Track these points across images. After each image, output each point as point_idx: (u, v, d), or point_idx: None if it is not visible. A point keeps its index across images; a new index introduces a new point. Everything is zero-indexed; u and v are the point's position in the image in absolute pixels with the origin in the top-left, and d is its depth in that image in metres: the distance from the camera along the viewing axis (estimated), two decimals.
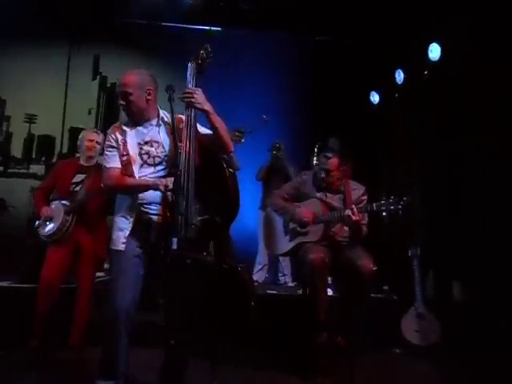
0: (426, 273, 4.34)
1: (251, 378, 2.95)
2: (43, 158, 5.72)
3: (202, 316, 2.05)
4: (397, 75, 4.93)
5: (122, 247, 2.23)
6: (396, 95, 5.07)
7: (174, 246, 1.76)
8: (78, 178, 3.43)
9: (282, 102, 5.76)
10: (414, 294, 3.81)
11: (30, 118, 5.66)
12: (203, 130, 2.31)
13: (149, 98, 2.27)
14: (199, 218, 2.13)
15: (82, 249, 3.33)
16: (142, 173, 2.24)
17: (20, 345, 3.19)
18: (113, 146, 2.29)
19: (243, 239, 4.72)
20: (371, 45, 5.09)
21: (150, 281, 2.28)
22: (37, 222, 3.41)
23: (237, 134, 4.44)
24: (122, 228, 2.25)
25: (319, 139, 4.98)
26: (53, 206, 3.39)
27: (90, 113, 5.80)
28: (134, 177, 2.24)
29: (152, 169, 2.25)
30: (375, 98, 5.37)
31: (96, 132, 3.59)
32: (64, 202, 3.36)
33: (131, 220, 2.23)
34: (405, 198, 2.86)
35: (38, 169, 5.65)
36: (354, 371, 2.92)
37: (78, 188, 3.40)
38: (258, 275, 4.76)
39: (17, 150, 5.70)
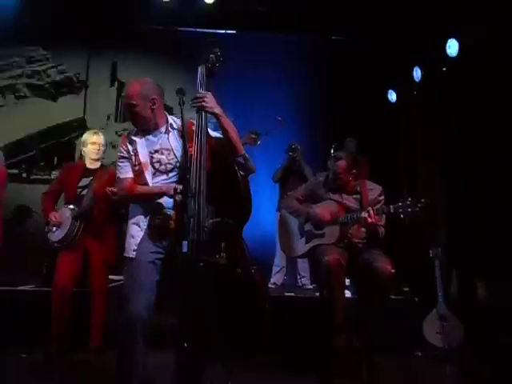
0: (450, 273, 4.25)
1: (267, 381, 2.93)
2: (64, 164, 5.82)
3: (216, 319, 2.03)
4: (414, 73, 4.84)
5: (132, 254, 2.24)
6: (414, 93, 4.97)
7: (185, 249, 1.75)
8: (85, 181, 3.44)
9: (299, 103, 5.73)
10: (435, 295, 3.73)
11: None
12: (214, 133, 2.32)
13: (154, 107, 2.26)
14: (211, 221, 2.12)
15: (91, 254, 3.36)
16: (155, 181, 2.26)
17: (41, 347, 3.25)
18: (124, 157, 2.32)
19: (261, 242, 4.72)
20: (388, 43, 5.01)
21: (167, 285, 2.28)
22: (46, 228, 3.43)
23: (252, 136, 4.42)
24: (134, 235, 2.26)
25: (337, 139, 4.93)
26: (60, 212, 3.40)
27: (108, 118, 5.89)
28: (148, 185, 2.25)
29: (165, 176, 2.27)
30: (393, 96, 5.28)
31: (97, 133, 3.55)
32: (71, 206, 3.36)
33: (143, 227, 2.25)
34: (423, 200, 2.80)
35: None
36: (373, 374, 2.89)
37: (84, 192, 3.40)
38: (276, 278, 4.73)
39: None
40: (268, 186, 4.98)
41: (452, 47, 4.26)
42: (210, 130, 2.28)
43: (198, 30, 5.65)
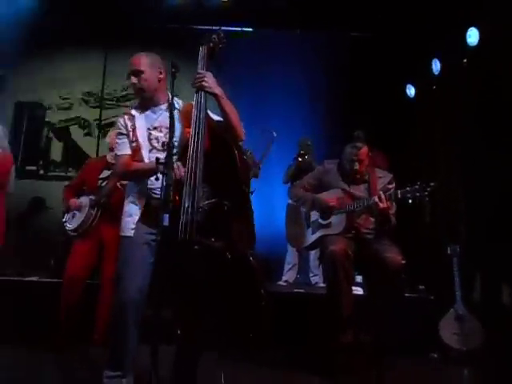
0: (471, 273, 4.03)
1: (272, 378, 2.80)
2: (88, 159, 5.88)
3: (210, 304, 1.93)
4: (433, 65, 4.66)
5: (130, 233, 2.19)
6: (434, 87, 4.79)
7: (166, 223, 1.67)
8: (106, 173, 3.49)
9: (316, 100, 5.65)
10: (453, 294, 3.52)
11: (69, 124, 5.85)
12: (216, 117, 2.25)
13: (160, 76, 2.24)
14: (206, 202, 2.04)
15: (106, 244, 3.35)
16: (151, 158, 2.19)
17: (48, 338, 3.23)
18: (122, 133, 2.28)
19: (272, 239, 4.63)
20: (405, 36, 4.86)
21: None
22: (65, 216, 3.48)
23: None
24: (132, 214, 2.22)
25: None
26: (80, 200, 3.46)
27: None
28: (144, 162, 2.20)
29: (161, 154, 2.16)
30: (411, 91, 5.11)
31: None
32: (91, 196, 3.42)
33: (140, 206, 2.20)
34: (432, 184, 2.65)
35: (76, 172, 5.80)
36: (383, 373, 2.72)
37: (104, 183, 3.45)
38: (288, 275, 4.61)
39: (56, 154, 5.89)
40: (280, 184, 4.87)
41: (472, 36, 4.08)
42: (210, 113, 2.23)
43: (214, 27, 5.64)
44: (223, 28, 2.35)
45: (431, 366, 3.25)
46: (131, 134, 2.24)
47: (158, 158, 1.84)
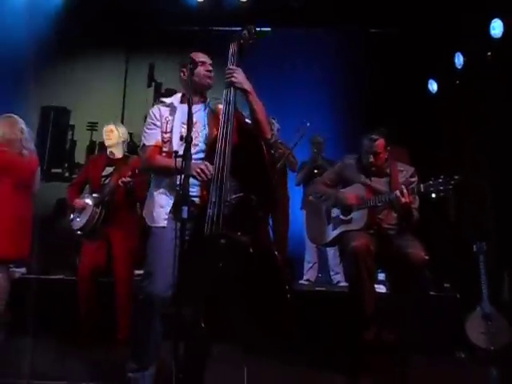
0: (499, 271, 3.91)
1: (294, 376, 2.78)
2: (90, 157, 5.93)
3: (234, 299, 1.92)
4: (456, 59, 4.55)
5: (164, 223, 2.16)
6: (457, 82, 4.68)
7: (185, 215, 1.67)
8: (108, 171, 3.52)
9: (336, 99, 5.58)
10: (479, 292, 3.43)
11: (92, 126, 5.94)
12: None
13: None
14: (234, 196, 2.05)
15: (113, 244, 3.37)
16: (181, 153, 2.19)
17: (71, 334, 3.31)
18: (154, 123, 2.28)
19: (291, 239, 4.59)
20: (426, 29, 4.77)
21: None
22: (71, 216, 3.51)
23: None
24: (163, 205, 2.20)
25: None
26: (84, 199, 3.48)
27: (145, 119, 5.96)
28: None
29: (192, 150, 2.16)
30: (434, 86, 5.01)
31: (109, 124, 3.64)
32: (95, 195, 3.43)
33: (172, 197, 2.19)
34: (456, 177, 2.58)
35: None
36: (407, 372, 2.66)
37: (107, 181, 3.46)
38: (309, 274, 4.56)
39: (80, 156, 5.99)
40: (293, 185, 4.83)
41: (496, 28, 3.97)
42: (242, 112, 2.26)
43: (233, 28, 5.66)
44: (241, 29, 2.37)
45: (458, 366, 3.16)
46: (165, 124, 2.26)
47: (176, 152, 1.84)
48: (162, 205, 2.20)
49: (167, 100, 2.34)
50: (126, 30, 5.68)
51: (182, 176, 1.73)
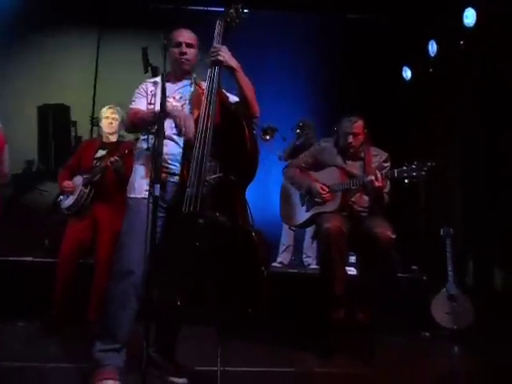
0: (463, 256, 4.05)
1: (266, 356, 2.82)
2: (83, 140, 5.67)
3: (209, 278, 1.92)
4: (430, 47, 4.62)
5: (145, 194, 2.12)
6: (430, 70, 4.75)
7: (157, 193, 1.66)
8: (100, 154, 3.48)
9: (312, 83, 5.60)
10: (445, 275, 3.55)
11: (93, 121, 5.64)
12: (232, 97, 2.26)
13: (198, 58, 2.33)
14: (213, 176, 2.04)
15: (100, 223, 3.34)
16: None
17: (41, 317, 3.24)
18: (140, 94, 2.32)
19: (269, 221, 4.61)
20: (400, 17, 4.82)
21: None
22: (60, 197, 3.48)
23: (267, 137, 4.33)
24: (144, 176, 2.19)
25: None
26: (74, 180, 3.45)
27: None
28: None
29: (173, 125, 2.18)
30: (407, 73, 5.08)
31: (112, 108, 3.59)
32: (85, 176, 3.39)
33: (151, 169, 2.13)
34: (429, 164, 2.65)
35: None
36: (374, 350, 2.75)
37: (99, 163, 3.42)
38: (283, 256, 4.61)
39: None
40: (276, 164, 4.84)
41: (469, 17, 4.04)
42: (226, 93, 2.25)
43: (213, 8, 5.55)
44: (218, 9, 2.34)
45: (423, 345, 3.28)
46: (149, 97, 2.26)
47: (155, 112, 1.95)
48: (142, 176, 2.20)
49: (153, 79, 2.35)
50: (99, 8, 5.50)
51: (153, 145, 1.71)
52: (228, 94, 2.27)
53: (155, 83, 2.31)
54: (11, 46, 5.46)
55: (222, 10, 2.55)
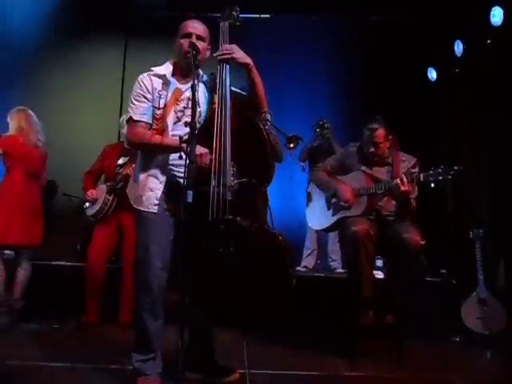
0: (497, 260, 3.96)
1: (292, 360, 2.81)
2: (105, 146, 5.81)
3: (235, 284, 1.93)
4: (456, 47, 4.55)
5: (154, 209, 2.09)
6: (456, 70, 4.67)
7: (189, 199, 1.67)
8: (122, 160, 3.57)
9: (337, 86, 5.57)
10: (475, 278, 3.48)
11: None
12: (233, 88, 2.20)
13: (208, 53, 2.20)
14: (236, 181, 2.04)
15: (125, 230, 3.46)
16: (175, 131, 2.10)
17: (74, 320, 3.38)
18: (144, 95, 2.10)
19: (291, 225, 4.62)
20: (425, 17, 4.75)
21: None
22: (86, 204, 3.62)
23: (291, 145, 4.36)
24: (153, 188, 2.10)
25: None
26: (98, 189, 3.60)
27: None
28: (167, 133, 2.09)
29: (186, 129, 1.96)
30: (433, 74, 5.00)
31: None
32: (108, 183, 3.54)
33: (163, 180, 2.11)
34: (455, 167, 2.61)
35: None
36: (403, 356, 2.72)
37: (121, 170, 3.52)
38: (308, 261, 4.60)
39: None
40: (298, 168, 4.84)
41: (496, 16, 3.97)
42: (232, 88, 2.20)
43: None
44: (241, 15, 2.35)
45: (453, 350, 3.23)
46: (158, 100, 2.09)
47: (181, 137, 1.79)
48: (151, 188, 2.11)
49: (159, 70, 2.15)
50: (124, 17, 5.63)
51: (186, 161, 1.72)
52: (234, 89, 2.19)
53: (162, 79, 2.12)
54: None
55: (243, 15, 2.57)
